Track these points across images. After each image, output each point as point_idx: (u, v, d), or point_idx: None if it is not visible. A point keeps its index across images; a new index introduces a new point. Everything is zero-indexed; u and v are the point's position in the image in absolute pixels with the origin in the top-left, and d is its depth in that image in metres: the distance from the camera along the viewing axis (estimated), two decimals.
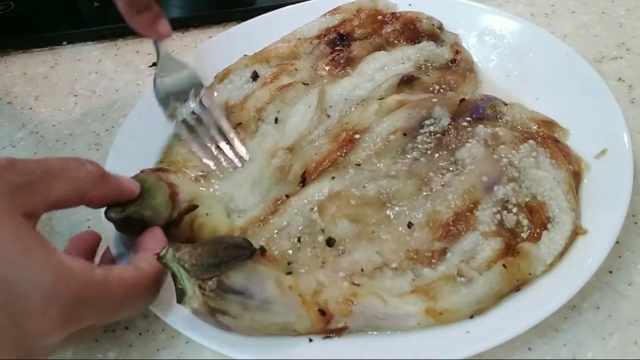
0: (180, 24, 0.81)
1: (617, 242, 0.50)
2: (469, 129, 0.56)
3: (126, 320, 0.51)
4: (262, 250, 0.45)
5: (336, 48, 0.67)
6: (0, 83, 0.77)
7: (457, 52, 0.66)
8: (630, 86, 0.63)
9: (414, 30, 0.68)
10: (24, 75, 0.78)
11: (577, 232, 0.49)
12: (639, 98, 0.62)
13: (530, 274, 0.47)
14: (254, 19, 0.73)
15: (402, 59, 0.65)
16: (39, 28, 0.81)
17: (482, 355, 0.43)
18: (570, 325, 0.47)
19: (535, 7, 0.75)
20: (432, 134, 0.56)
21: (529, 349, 0.46)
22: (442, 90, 0.62)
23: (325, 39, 0.68)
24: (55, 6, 0.84)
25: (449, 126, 0.56)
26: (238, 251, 0.43)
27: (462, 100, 0.58)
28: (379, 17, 0.70)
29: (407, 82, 0.62)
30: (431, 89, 0.62)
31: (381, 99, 0.60)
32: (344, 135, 0.57)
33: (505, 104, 0.58)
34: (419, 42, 0.67)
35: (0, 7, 0.81)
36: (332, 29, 0.70)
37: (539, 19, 0.69)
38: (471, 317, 0.46)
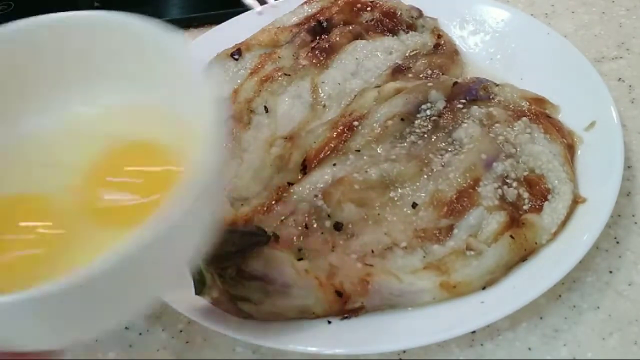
0: (180, 24, 0.81)
1: (617, 242, 0.51)
2: (464, 110, 0.57)
3: (126, 320, 0.51)
4: (276, 236, 0.46)
5: (316, 36, 0.68)
6: None
7: (439, 36, 0.68)
8: (630, 86, 0.64)
9: (393, 19, 0.69)
10: None
11: (576, 201, 0.51)
12: (639, 98, 0.62)
13: (536, 243, 0.49)
14: (245, 13, 0.73)
15: (387, 48, 0.66)
16: None
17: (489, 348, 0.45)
18: (570, 325, 0.47)
19: (535, 7, 0.75)
20: (428, 117, 0.57)
21: (529, 349, 0.46)
22: (434, 75, 0.63)
23: (305, 27, 0.69)
24: (55, 6, 0.84)
25: (445, 109, 0.58)
26: (254, 238, 0.44)
27: (455, 83, 0.59)
28: (358, 6, 0.71)
29: (400, 71, 0.64)
30: (423, 75, 0.63)
31: (378, 87, 0.61)
32: (342, 123, 0.58)
33: (497, 85, 0.60)
34: (398, 32, 0.69)
35: (0, 7, 0.81)
36: (311, 17, 0.70)
37: (539, 19, 0.69)
38: (484, 288, 0.47)
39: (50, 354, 0.34)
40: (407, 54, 0.66)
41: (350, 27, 0.68)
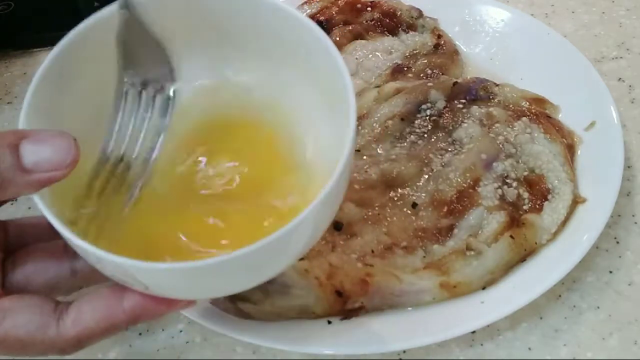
0: None
1: (617, 242, 0.51)
2: (464, 110, 0.57)
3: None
4: None
5: None
6: (0, 83, 0.78)
7: (439, 36, 0.68)
8: (630, 86, 0.64)
9: (393, 19, 0.69)
10: (24, 75, 0.78)
11: (576, 201, 0.51)
12: (639, 98, 0.62)
13: (536, 243, 0.49)
14: None
15: (387, 48, 0.67)
16: (39, 28, 0.81)
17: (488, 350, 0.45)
18: (570, 325, 0.47)
19: (535, 7, 0.75)
20: (428, 117, 0.57)
21: (529, 349, 0.46)
22: (434, 75, 0.63)
23: None
24: (55, 6, 0.84)
25: (445, 109, 0.58)
26: None
27: (455, 83, 0.59)
28: (358, 6, 0.71)
29: (399, 71, 0.64)
30: (423, 75, 0.63)
31: (378, 87, 0.61)
32: None
33: (497, 85, 0.60)
34: (398, 32, 0.69)
35: (0, 7, 0.81)
36: (311, 17, 0.70)
37: (539, 19, 0.69)
38: (484, 288, 0.47)
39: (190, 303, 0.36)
40: (407, 54, 0.66)
41: (350, 27, 0.68)
